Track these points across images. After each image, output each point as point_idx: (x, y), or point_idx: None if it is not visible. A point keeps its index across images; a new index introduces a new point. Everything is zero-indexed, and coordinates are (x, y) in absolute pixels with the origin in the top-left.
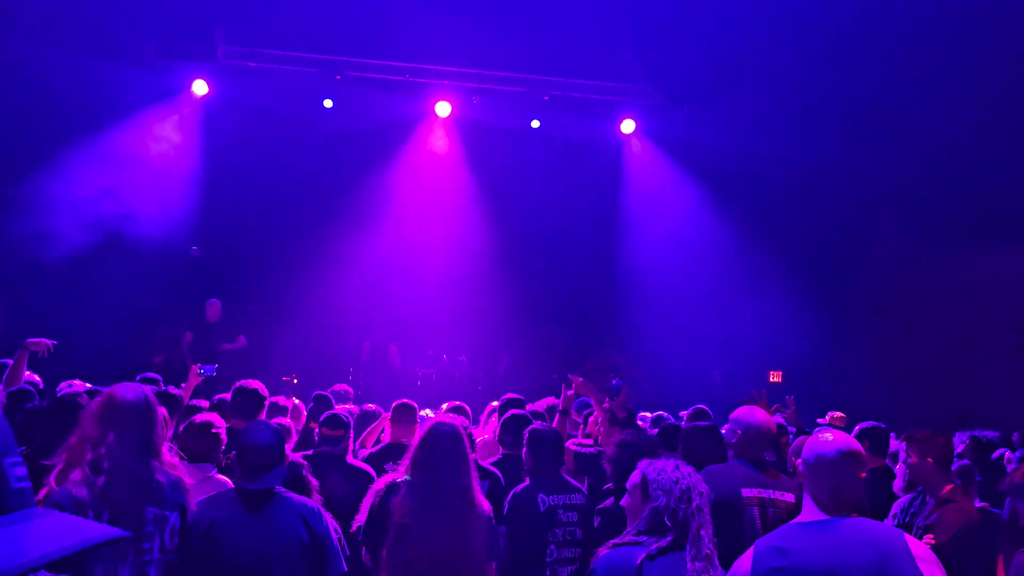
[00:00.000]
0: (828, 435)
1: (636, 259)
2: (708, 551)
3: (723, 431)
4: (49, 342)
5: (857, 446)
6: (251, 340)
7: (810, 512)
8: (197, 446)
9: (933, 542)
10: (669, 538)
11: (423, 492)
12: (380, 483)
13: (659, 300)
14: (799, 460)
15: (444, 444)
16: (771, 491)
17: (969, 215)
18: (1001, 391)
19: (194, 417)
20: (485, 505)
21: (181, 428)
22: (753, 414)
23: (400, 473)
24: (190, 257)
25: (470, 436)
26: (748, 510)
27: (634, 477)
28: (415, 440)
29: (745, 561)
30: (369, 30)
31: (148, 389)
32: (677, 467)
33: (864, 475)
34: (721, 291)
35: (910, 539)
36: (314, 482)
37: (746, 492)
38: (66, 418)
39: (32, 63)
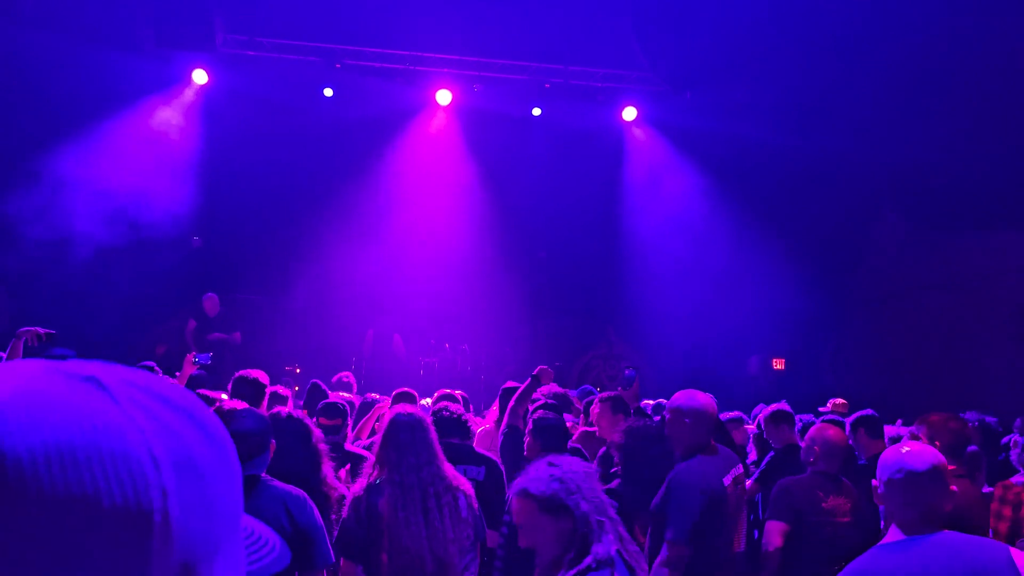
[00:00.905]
0: (906, 448)
1: (638, 246)
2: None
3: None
4: (41, 330)
5: (942, 458)
6: (253, 329)
7: (895, 533)
8: None
9: None
10: (615, 549)
11: (390, 490)
12: (357, 489)
13: (661, 288)
14: (878, 479)
15: (402, 436)
16: (737, 467)
17: (971, 202)
18: (1003, 377)
19: (223, 404)
20: (464, 487)
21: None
22: (695, 398)
23: (368, 471)
24: (191, 248)
25: (465, 423)
26: (731, 495)
27: (542, 487)
28: (377, 436)
29: None
30: (369, 18)
31: None
32: (564, 467)
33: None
34: (724, 278)
35: (1016, 552)
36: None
37: (726, 480)
38: None
39: (31, 52)
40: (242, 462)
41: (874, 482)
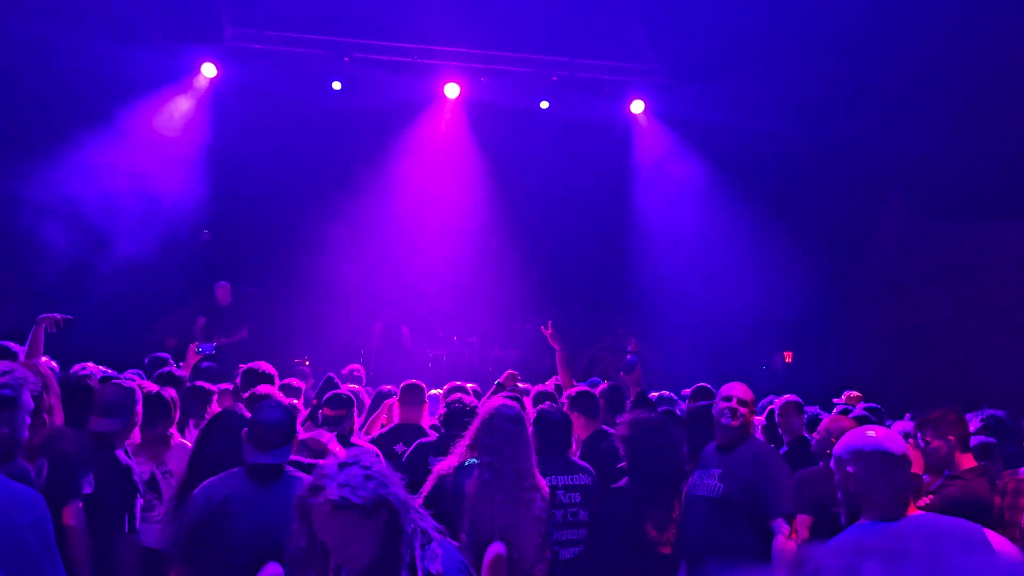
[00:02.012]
0: (872, 431)
1: (646, 239)
2: None
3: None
4: (59, 316)
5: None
6: (263, 323)
7: (869, 514)
8: None
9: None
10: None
11: (487, 475)
12: (448, 464)
13: (669, 279)
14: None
15: (507, 427)
16: None
17: (977, 193)
18: (1008, 369)
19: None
20: (542, 485)
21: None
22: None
23: (461, 452)
24: (201, 241)
25: (475, 413)
26: None
27: (364, 493)
28: (477, 420)
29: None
30: (377, 11)
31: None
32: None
33: None
34: (731, 270)
35: (989, 533)
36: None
37: None
38: (74, 398)
39: (39, 45)
40: (267, 451)
41: (847, 469)
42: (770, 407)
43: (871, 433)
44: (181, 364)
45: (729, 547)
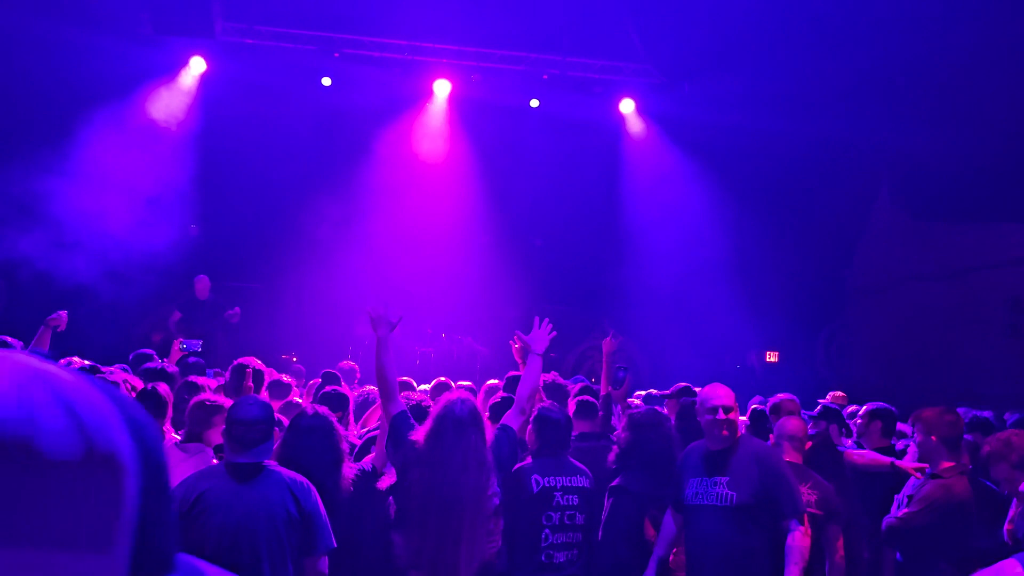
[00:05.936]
0: None
1: (635, 237)
2: None
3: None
4: (64, 314)
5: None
6: (250, 318)
7: None
8: None
9: (905, 512)
10: None
11: (425, 471)
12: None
13: (657, 278)
14: None
15: (449, 437)
16: None
17: (966, 193)
18: (995, 368)
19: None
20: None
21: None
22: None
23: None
24: (188, 235)
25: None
26: None
27: None
28: (431, 415)
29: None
30: (368, 8)
31: None
32: None
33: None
34: (720, 269)
35: None
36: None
37: None
38: None
39: (27, 38)
40: (248, 449)
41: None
42: (752, 407)
43: None
44: (165, 360)
45: (745, 555)
